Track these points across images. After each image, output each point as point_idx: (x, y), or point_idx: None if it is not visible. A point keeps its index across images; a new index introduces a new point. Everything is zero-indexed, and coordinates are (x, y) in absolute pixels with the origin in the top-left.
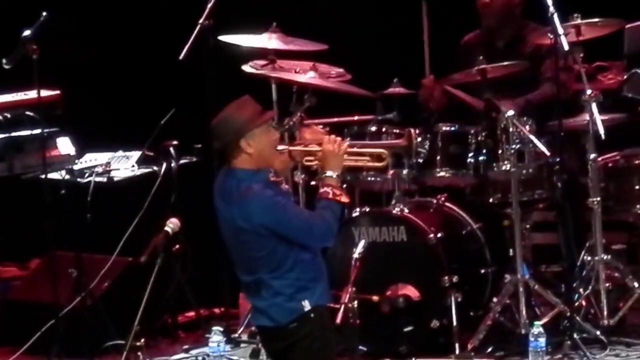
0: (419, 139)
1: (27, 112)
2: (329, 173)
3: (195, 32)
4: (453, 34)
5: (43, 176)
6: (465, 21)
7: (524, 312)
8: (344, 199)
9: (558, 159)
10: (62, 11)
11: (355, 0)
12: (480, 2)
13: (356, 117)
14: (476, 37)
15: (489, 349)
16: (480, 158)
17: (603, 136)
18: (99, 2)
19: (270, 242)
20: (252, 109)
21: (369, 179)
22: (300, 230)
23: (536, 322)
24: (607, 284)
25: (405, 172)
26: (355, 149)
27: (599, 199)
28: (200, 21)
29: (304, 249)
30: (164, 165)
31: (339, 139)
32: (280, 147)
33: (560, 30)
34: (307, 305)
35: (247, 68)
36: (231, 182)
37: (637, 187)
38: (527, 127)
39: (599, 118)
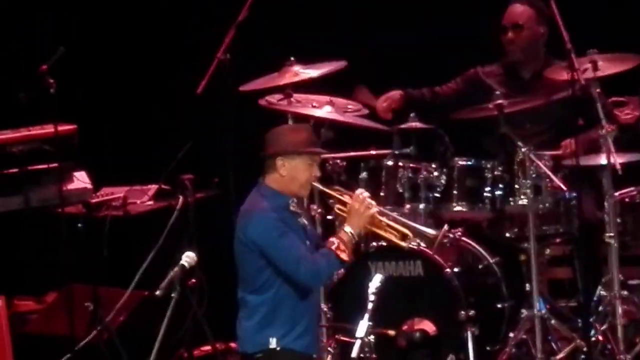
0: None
1: (44, 146)
2: (346, 228)
3: (213, 66)
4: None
5: (59, 210)
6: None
7: (540, 347)
8: (345, 256)
9: (574, 194)
10: (80, 44)
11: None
12: (505, 38)
13: (373, 152)
14: (495, 69)
15: None
16: (497, 192)
17: (620, 171)
18: (116, 36)
19: (260, 261)
20: (305, 137)
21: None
22: (287, 261)
23: (553, 358)
24: (624, 319)
25: (421, 206)
26: (384, 219)
27: (615, 234)
28: (218, 55)
29: (293, 285)
30: (181, 199)
31: (368, 200)
32: (317, 185)
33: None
34: (273, 343)
35: (264, 102)
36: (255, 195)
37: None
38: (544, 161)
39: (614, 153)
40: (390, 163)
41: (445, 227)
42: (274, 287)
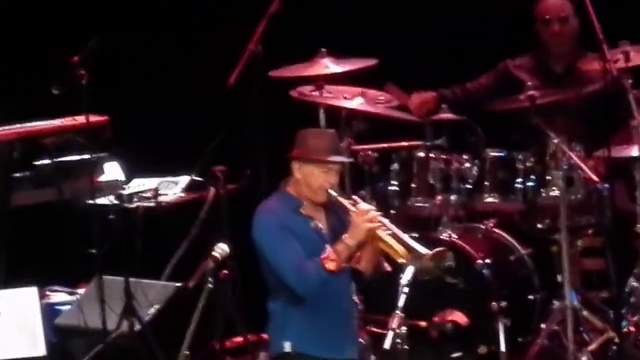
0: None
1: (76, 138)
2: (344, 236)
3: (245, 57)
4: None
5: (92, 201)
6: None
7: (572, 338)
8: (331, 266)
9: (607, 186)
10: (112, 36)
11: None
12: (551, 31)
13: (405, 143)
14: (526, 62)
15: None
16: (529, 184)
17: None
18: (149, 27)
19: (266, 262)
20: (324, 144)
21: (417, 204)
22: (278, 265)
23: (584, 349)
24: None
25: (453, 197)
26: (384, 234)
27: None
28: (250, 46)
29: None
30: (212, 190)
31: (372, 214)
32: (331, 192)
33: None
34: (287, 347)
35: (295, 94)
36: (273, 194)
37: None
38: (576, 152)
39: None
40: (421, 154)
41: (442, 248)
42: (285, 291)
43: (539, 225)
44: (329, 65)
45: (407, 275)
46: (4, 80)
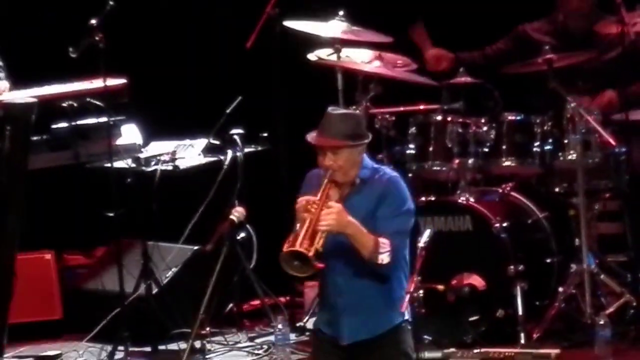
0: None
1: (94, 101)
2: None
3: (262, 20)
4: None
5: (109, 164)
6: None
7: (589, 301)
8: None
9: (624, 149)
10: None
11: None
12: None
13: (422, 107)
14: (544, 25)
15: (555, 339)
16: (546, 147)
17: None
18: None
19: None
20: (320, 125)
21: (434, 168)
22: None
23: (602, 312)
24: None
25: (470, 161)
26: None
27: None
28: (267, 10)
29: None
30: (230, 153)
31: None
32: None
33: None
34: (312, 323)
35: (312, 57)
36: None
37: None
38: (593, 116)
39: None
40: (439, 118)
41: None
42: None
43: (556, 189)
44: (345, 31)
45: (423, 239)
46: (21, 44)
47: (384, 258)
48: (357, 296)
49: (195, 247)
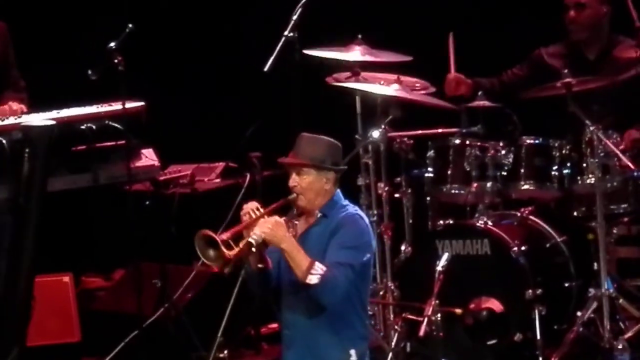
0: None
1: (112, 123)
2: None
3: (281, 44)
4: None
5: (127, 187)
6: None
7: (608, 326)
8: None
9: None
10: (148, 22)
11: (440, 12)
12: (567, 17)
13: (440, 130)
14: (559, 49)
15: None
16: (565, 171)
17: None
18: (185, 15)
19: None
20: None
21: (453, 191)
22: None
23: (620, 337)
24: None
25: (489, 184)
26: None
27: None
28: (286, 33)
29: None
30: (248, 176)
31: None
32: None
33: None
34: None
35: (331, 80)
36: None
37: None
38: (612, 140)
39: None
40: (457, 141)
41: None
42: None
43: (575, 213)
44: (364, 54)
45: (442, 262)
46: (41, 66)
47: (313, 279)
48: (300, 332)
49: (214, 270)
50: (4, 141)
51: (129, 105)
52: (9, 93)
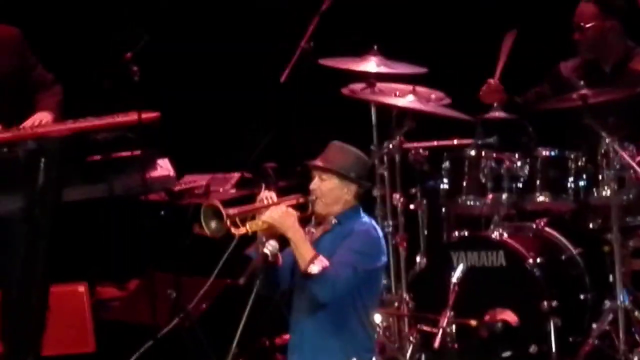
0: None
1: (128, 133)
2: None
3: (296, 54)
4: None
5: (143, 197)
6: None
7: (623, 338)
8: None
9: None
10: (163, 32)
11: (456, 23)
12: (574, 37)
13: (456, 141)
14: (577, 63)
15: None
16: (581, 183)
17: None
18: (201, 25)
19: None
20: None
21: (468, 203)
22: None
23: (636, 349)
24: None
25: (504, 196)
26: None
27: None
28: (301, 44)
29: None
30: (263, 187)
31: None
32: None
33: None
34: None
35: (346, 91)
36: None
37: None
38: (628, 152)
39: None
40: (472, 153)
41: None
42: None
43: (591, 225)
44: (379, 64)
45: (457, 274)
46: (56, 76)
47: (313, 269)
48: (304, 337)
49: (228, 281)
50: (19, 151)
51: (144, 115)
52: (42, 95)
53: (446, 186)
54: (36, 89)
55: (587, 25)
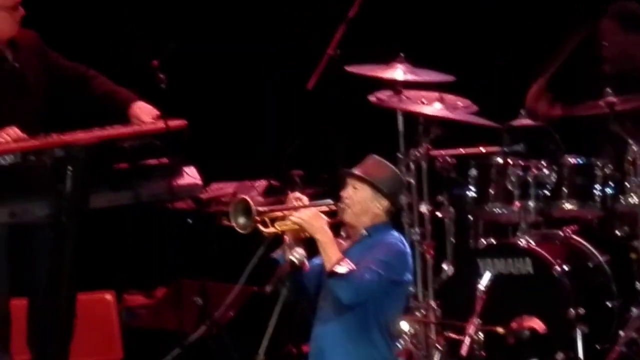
0: None
1: (154, 141)
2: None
3: (323, 62)
4: None
5: (169, 205)
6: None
7: None
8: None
9: None
10: (190, 40)
11: (482, 31)
12: (600, 53)
13: (482, 149)
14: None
15: None
16: (607, 190)
17: None
18: (227, 32)
19: None
20: None
21: (495, 210)
22: None
23: None
24: None
25: (531, 204)
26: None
27: None
28: (328, 51)
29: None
30: (290, 194)
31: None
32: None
33: None
34: None
35: (373, 99)
36: None
37: None
38: None
39: None
40: (499, 160)
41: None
42: None
43: (618, 232)
44: (406, 72)
45: (484, 282)
46: None
47: (340, 269)
48: (325, 344)
49: (255, 288)
50: (46, 159)
51: (171, 123)
52: (97, 80)
53: (473, 194)
54: (83, 81)
55: (607, 40)
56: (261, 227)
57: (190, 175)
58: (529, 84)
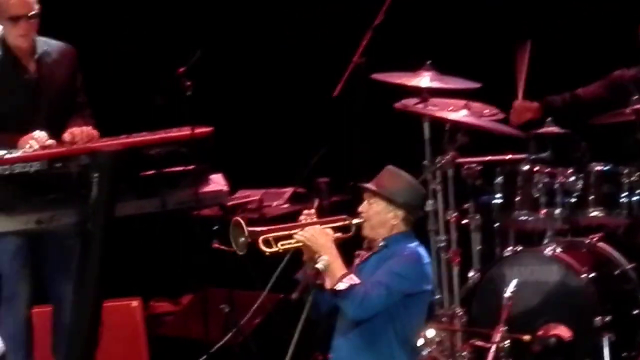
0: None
1: (181, 148)
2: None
3: (349, 69)
4: None
5: (196, 212)
6: None
7: None
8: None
9: None
10: (217, 47)
11: (510, 39)
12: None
13: (509, 156)
14: (637, 73)
15: None
16: (634, 198)
17: None
18: (253, 39)
19: None
20: None
21: (521, 218)
22: None
23: None
24: None
25: (557, 211)
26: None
27: None
28: (354, 59)
29: None
30: (316, 202)
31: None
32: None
33: None
34: None
35: (399, 106)
36: None
37: None
38: None
39: None
40: (526, 168)
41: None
42: None
43: None
44: (432, 79)
45: (510, 289)
46: (109, 91)
47: (340, 285)
48: (339, 356)
49: (281, 296)
50: (72, 166)
51: (198, 130)
52: (76, 118)
53: (499, 201)
54: (73, 113)
55: None
56: (263, 247)
57: (216, 182)
58: (555, 92)
